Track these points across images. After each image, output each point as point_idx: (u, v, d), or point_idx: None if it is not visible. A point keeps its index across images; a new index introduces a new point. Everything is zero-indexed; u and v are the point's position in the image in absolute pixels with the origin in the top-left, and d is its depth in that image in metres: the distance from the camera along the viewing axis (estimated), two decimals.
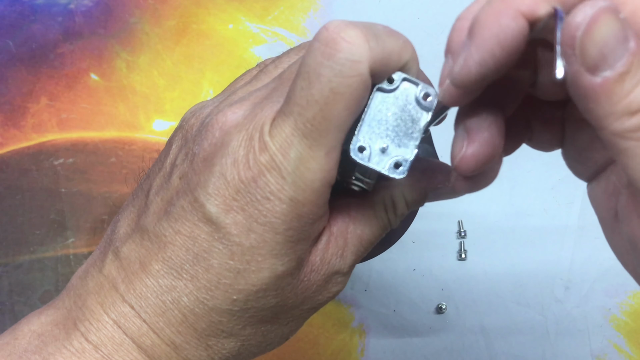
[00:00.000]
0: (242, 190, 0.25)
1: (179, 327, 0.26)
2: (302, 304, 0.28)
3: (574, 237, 0.51)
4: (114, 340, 0.26)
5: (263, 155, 0.24)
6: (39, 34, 0.52)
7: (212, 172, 0.25)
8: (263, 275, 0.26)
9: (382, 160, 0.25)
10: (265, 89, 0.27)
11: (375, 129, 0.25)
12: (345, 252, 0.28)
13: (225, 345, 0.27)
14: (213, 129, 0.26)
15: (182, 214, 0.26)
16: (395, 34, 0.25)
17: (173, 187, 0.27)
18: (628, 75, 0.20)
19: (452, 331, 0.50)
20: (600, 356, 0.50)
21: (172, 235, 0.26)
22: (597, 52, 0.20)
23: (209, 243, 0.25)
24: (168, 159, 0.29)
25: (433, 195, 0.30)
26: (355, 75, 0.23)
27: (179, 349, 0.27)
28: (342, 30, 0.23)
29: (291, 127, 0.24)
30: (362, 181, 0.27)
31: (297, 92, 0.24)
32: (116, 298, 0.27)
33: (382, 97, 0.25)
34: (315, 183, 0.25)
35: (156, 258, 0.26)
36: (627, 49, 0.19)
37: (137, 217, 0.28)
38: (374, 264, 0.51)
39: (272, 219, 0.25)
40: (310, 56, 0.23)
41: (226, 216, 0.25)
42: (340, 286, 0.29)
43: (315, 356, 0.50)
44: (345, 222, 0.28)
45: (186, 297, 0.26)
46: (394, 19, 0.53)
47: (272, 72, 0.29)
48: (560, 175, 0.51)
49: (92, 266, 0.29)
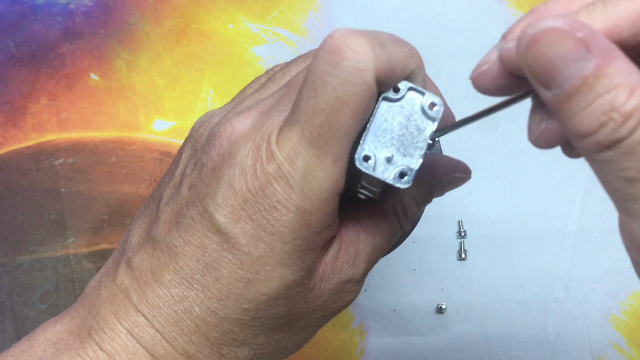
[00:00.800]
0: (250, 200, 0.25)
1: (191, 336, 0.27)
2: (314, 312, 0.28)
3: (574, 237, 0.51)
4: (128, 349, 0.27)
5: (270, 164, 0.24)
6: (39, 34, 0.52)
7: (220, 182, 0.25)
8: (273, 285, 0.26)
9: (388, 169, 0.25)
10: (273, 97, 0.27)
11: (380, 138, 0.25)
12: (358, 261, 0.28)
13: (238, 354, 0.27)
14: (221, 139, 0.26)
15: (191, 224, 0.26)
16: (401, 42, 0.25)
17: (183, 198, 0.27)
18: (576, 97, 0.19)
19: (452, 331, 0.50)
20: (600, 356, 0.50)
21: (183, 245, 0.26)
22: (542, 70, 0.20)
23: (219, 253, 0.25)
24: (178, 169, 0.29)
25: (438, 189, 0.30)
26: (360, 83, 0.23)
27: (191, 358, 0.27)
28: (347, 38, 0.23)
29: (298, 136, 0.24)
30: (368, 190, 0.27)
31: (303, 100, 0.24)
32: (129, 308, 0.27)
33: (388, 106, 0.25)
34: (323, 192, 0.25)
35: (167, 268, 0.26)
36: (581, 70, 0.19)
37: (149, 227, 0.28)
38: None
39: (280, 228, 0.25)
40: (316, 64, 0.24)
41: (235, 226, 0.25)
42: (354, 295, 0.29)
43: (315, 356, 0.50)
44: (356, 231, 0.28)
45: (198, 307, 0.26)
46: (394, 19, 0.53)
47: (280, 80, 0.29)
48: (560, 175, 0.51)
49: (106, 276, 0.29)
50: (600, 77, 0.19)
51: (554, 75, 0.19)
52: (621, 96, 0.19)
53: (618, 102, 0.19)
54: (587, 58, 0.19)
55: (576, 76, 0.19)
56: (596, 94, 0.19)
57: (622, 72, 0.19)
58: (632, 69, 0.19)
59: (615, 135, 0.19)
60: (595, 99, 0.19)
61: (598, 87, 0.19)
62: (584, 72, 0.19)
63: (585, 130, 0.19)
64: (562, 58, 0.19)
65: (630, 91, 0.19)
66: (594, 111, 0.19)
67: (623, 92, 0.19)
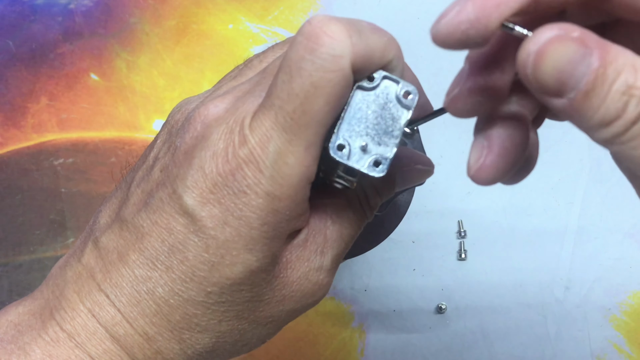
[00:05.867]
0: (219, 184, 0.25)
1: (152, 317, 0.26)
2: (281, 303, 0.28)
3: (574, 237, 0.51)
4: (88, 329, 0.26)
5: (242, 148, 0.24)
6: (39, 34, 0.52)
7: (191, 165, 0.25)
8: (237, 270, 0.26)
9: (362, 158, 0.25)
10: (249, 83, 0.27)
11: (355, 127, 0.25)
12: (326, 249, 0.28)
13: (199, 340, 0.27)
14: (195, 122, 0.26)
15: (160, 205, 0.26)
16: (380, 30, 0.25)
17: (154, 179, 0.27)
18: (594, 92, 0.20)
19: (452, 331, 0.50)
20: (600, 356, 0.50)
21: (150, 226, 0.26)
22: (554, 82, 0.20)
23: (185, 235, 0.25)
24: (152, 153, 0.29)
25: (401, 181, 0.30)
26: (336, 70, 0.23)
27: (151, 340, 0.27)
28: (325, 24, 0.23)
29: (271, 121, 0.24)
30: (345, 179, 0.27)
31: (278, 85, 0.24)
32: (92, 287, 0.27)
33: (362, 95, 0.25)
34: (293, 178, 0.25)
35: (133, 248, 0.26)
36: (589, 66, 0.20)
37: (118, 208, 0.28)
38: (374, 264, 0.51)
39: (248, 213, 0.25)
40: (292, 50, 0.23)
41: (202, 209, 0.25)
42: (324, 289, 0.29)
43: (315, 356, 0.50)
44: (323, 219, 0.28)
45: (161, 288, 0.26)
46: (393, 19, 0.53)
47: (257, 67, 0.29)
48: (560, 175, 0.51)
49: (72, 256, 0.29)
50: (608, 65, 0.20)
51: (567, 81, 0.20)
52: (630, 73, 0.20)
53: (630, 79, 0.20)
54: (590, 53, 0.20)
55: (587, 73, 0.20)
56: (611, 81, 0.20)
57: (619, 53, 0.20)
58: (619, 46, 0.20)
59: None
60: (611, 86, 0.20)
61: (610, 75, 0.20)
62: (593, 67, 0.20)
63: (611, 116, 0.20)
64: (569, 63, 0.20)
65: (632, 65, 0.20)
66: (614, 97, 0.20)
67: (630, 69, 0.20)
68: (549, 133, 0.34)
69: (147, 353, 0.27)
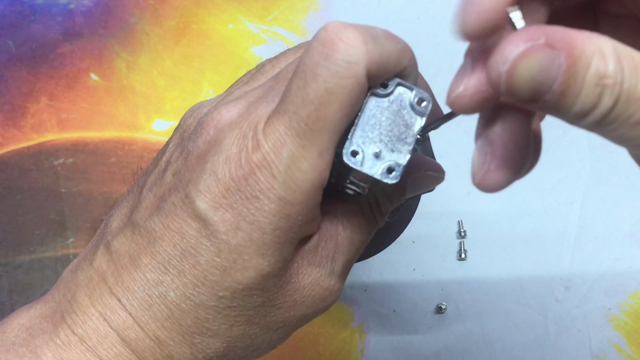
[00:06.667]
0: (232, 188, 0.25)
1: (164, 322, 0.26)
2: (292, 308, 0.28)
3: (574, 237, 0.51)
4: (99, 332, 0.26)
5: (255, 153, 0.24)
6: (39, 34, 0.52)
7: (204, 169, 0.25)
8: (249, 274, 0.26)
9: (375, 165, 0.25)
10: (262, 88, 0.27)
11: (368, 133, 0.25)
12: (337, 254, 0.28)
13: (210, 344, 0.27)
14: (208, 127, 0.26)
15: (172, 209, 0.26)
16: (395, 38, 0.25)
17: (166, 184, 0.27)
18: (568, 91, 0.20)
19: (452, 331, 0.50)
20: (600, 356, 0.50)
21: (162, 230, 0.26)
22: (529, 92, 0.20)
23: (197, 239, 0.25)
24: (164, 157, 0.29)
25: (412, 188, 0.30)
26: (351, 76, 0.23)
27: (162, 345, 0.27)
28: (340, 31, 0.23)
29: (285, 126, 0.24)
30: (357, 185, 0.27)
31: (292, 91, 0.24)
32: (104, 291, 0.27)
33: (376, 101, 0.25)
34: (306, 184, 0.25)
35: (145, 252, 0.26)
36: (559, 68, 0.20)
37: (130, 212, 0.28)
38: (374, 264, 0.51)
39: (260, 218, 0.25)
40: (307, 56, 0.24)
41: (215, 213, 0.25)
42: (334, 295, 0.29)
43: (315, 356, 0.50)
44: (334, 225, 0.28)
45: (173, 292, 0.26)
46: (393, 19, 0.53)
47: (269, 72, 0.29)
48: (560, 175, 0.51)
49: (84, 260, 0.29)
50: (577, 61, 0.20)
51: (541, 87, 0.20)
52: (599, 60, 0.20)
53: (601, 68, 0.20)
54: (557, 54, 0.20)
55: (559, 74, 0.20)
56: (582, 75, 0.20)
57: (585, 42, 0.20)
58: (585, 34, 0.20)
59: (615, 94, 0.20)
60: (583, 81, 0.20)
61: (580, 70, 0.20)
62: (563, 67, 0.20)
63: (588, 108, 0.20)
64: (541, 70, 0.20)
65: (600, 52, 0.20)
66: (588, 90, 0.20)
67: (598, 56, 0.20)
68: (549, 133, 0.34)
69: (159, 357, 0.27)
